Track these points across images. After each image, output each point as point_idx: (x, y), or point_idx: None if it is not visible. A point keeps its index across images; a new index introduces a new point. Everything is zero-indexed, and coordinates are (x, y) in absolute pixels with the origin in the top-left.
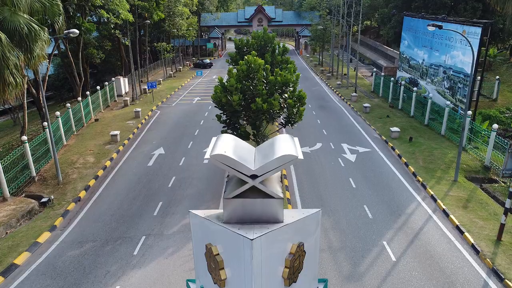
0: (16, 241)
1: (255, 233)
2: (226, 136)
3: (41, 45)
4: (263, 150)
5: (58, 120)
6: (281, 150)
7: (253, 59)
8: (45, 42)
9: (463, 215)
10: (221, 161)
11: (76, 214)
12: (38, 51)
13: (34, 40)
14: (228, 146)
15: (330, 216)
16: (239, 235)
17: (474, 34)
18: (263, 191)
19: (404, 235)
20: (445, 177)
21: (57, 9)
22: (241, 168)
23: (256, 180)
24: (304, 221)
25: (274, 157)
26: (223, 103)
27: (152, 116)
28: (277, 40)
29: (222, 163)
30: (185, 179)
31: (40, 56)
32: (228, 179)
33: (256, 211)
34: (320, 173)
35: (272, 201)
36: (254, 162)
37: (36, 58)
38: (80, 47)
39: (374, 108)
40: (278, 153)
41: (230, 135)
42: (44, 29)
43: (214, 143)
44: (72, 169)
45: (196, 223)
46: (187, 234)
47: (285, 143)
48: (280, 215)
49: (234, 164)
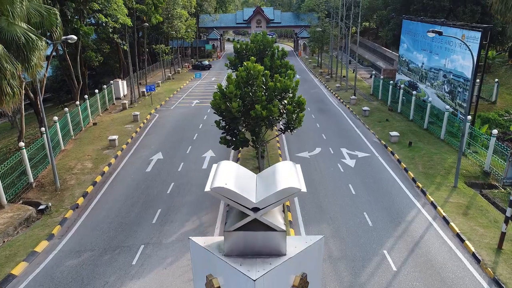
0: (13, 251)
1: (258, 271)
2: (226, 164)
3: (39, 55)
4: (265, 179)
5: (56, 125)
6: (283, 182)
7: (252, 66)
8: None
9: (464, 223)
10: (222, 194)
11: (74, 222)
12: (35, 60)
13: (31, 50)
14: (228, 176)
15: (329, 224)
16: (241, 273)
17: (473, 39)
18: (265, 223)
19: (404, 244)
20: (445, 183)
21: (55, 18)
22: (242, 201)
23: (258, 213)
24: (307, 251)
25: (277, 189)
26: (222, 109)
27: (150, 120)
28: (276, 45)
29: (223, 196)
30: (184, 185)
31: (37, 65)
32: (229, 209)
33: (258, 244)
34: (320, 179)
35: (274, 234)
36: (255, 192)
37: (33, 68)
38: (78, 50)
39: (373, 111)
40: (281, 185)
41: (230, 162)
42: (42, 38)
43: (214, 173)
44: (70, 175)
45: (196, 252)
46: (186, 243)
47: (287, 173)
48: (283, 248)
49: (235, 197)
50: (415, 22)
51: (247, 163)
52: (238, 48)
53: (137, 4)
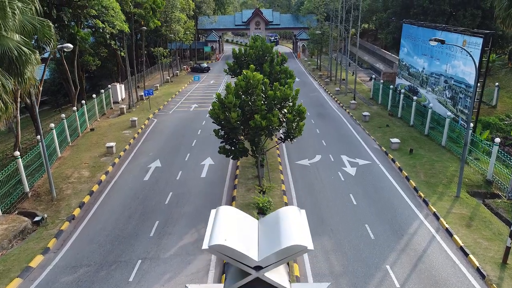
0: (7, 266)
1: None
2: (224, 211)
3: (32, 68)
4: (268, 229)
5: (52, 132)
6: (288, 238)
7: (251, 75)
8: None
9: (467, 235)
10: (221, 252)
11: (70, 235)
12: (29, 74)
13: (24, 64)
14: (228, 228)
15: (331, 237)
16: None
17: (475, 45)
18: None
19: (407, 258)
20: (447, 192)
21: (48, 30)
22: (244, 259)
23: (260, 272)
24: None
25: (281, 246)
26: (221, 119)
27: (148, 125)
28: (276, 50)
29: (223, 255)
30: (182, 195)
31: (31, 78)
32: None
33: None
34: (320, 188)
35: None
36: (257, 246)
37: (27, 81)
38: (75, 55)
39: (374, 116)
40: (285, 241)
41: (229, 208)
42: (35, 52)
43: (212, 224)
44: (66, 184)
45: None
46: (184, 258)
47: (292, 223)
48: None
49: (236, 255)
50: (415, 27)
51: (247, 171)
52: (237, 53)
53: (135, 9)
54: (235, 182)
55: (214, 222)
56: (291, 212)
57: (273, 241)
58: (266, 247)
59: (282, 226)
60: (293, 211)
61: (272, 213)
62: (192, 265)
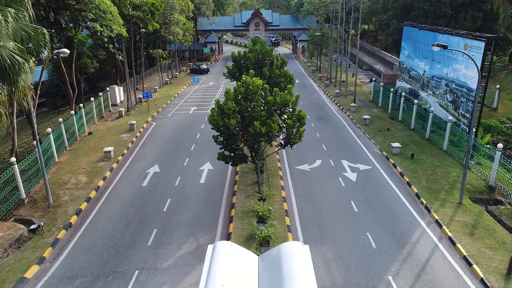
0: (2, 277)
1: None
2: (222, 249)
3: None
4: (270, 271)
5: (49, 137)
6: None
7: (251, 81)
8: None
9: (470, 244)
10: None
11: (67, 243)
12: (22, 82)
13: (17, 73)
14: (226, 270)
15: (332, 246)
16: None
17: (477, 48)
18: None
19: (410, 268)
20: (449, 199)
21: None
22: None
23: None
24: None
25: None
26: (220, 125)
27: (147, 129)
28: (276, 53)
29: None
30: (181, 201)
31: (25, 87)
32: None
33: None
34: (321, 195)
35: None
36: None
37: (21, 90)
38: (73, 58)
39: (374, 119)
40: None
41: (227, 244)
42: (29, 60)
43: (208, 266)
44: (63, 190)
45: None
46: (182, 269)
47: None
48: None
49: None
50: (416, 29)
51: (246, 177)
52: (236, 57)
53: (133, 11)
54: (235, 188)
55: (210, 263)
56: (294, 250)
57: (275, 286)
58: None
59: (284, 268)
60: (296, 249)
61: (274, 250)
62: (190, 276)
